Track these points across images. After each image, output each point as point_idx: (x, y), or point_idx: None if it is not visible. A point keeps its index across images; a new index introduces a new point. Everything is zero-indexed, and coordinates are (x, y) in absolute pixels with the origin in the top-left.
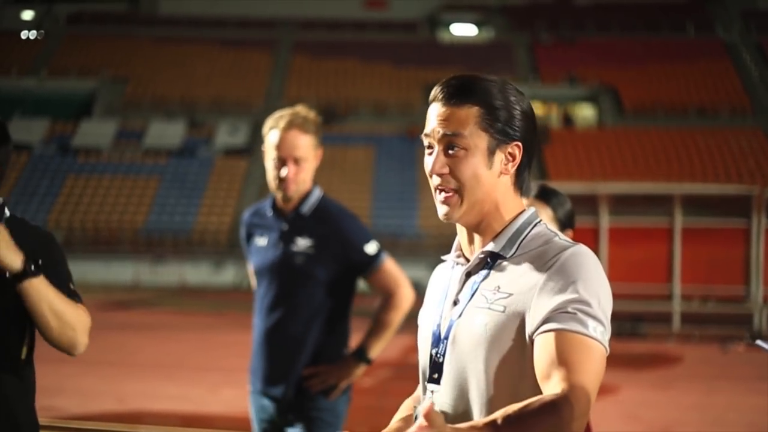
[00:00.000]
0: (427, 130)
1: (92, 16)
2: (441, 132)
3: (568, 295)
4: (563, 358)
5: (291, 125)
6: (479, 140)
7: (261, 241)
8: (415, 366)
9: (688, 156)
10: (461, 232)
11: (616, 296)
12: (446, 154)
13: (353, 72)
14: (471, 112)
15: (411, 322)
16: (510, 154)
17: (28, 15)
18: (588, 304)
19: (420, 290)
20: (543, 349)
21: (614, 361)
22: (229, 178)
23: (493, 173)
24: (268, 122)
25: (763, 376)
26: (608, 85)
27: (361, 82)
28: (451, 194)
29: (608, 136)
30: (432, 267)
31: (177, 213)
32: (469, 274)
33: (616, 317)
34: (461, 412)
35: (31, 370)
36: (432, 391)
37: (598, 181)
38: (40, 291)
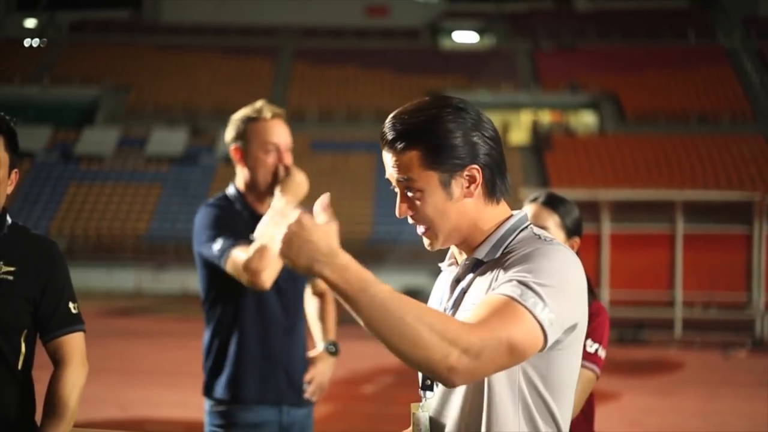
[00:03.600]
0: (387, 174)
1: (95, 24)
2: (395, 177)
3: (519, 268)
4: (483, 310)
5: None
6: (429, 179)
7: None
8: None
9: (690, 163)
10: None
11: (618, 303)
12: (406, 198)
13: (354, 79)
14: (412, 156)
15: None
16: (468, 176)
17: (30, 23)
18: (533, 280)
19: (421, 297)
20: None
21: (616, 367)
22: None
23: (455, 201)
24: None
25: (765, 383)
26: (609, 92)
27: (363, 89)
28: (426, 230)
29: (609, 143)
30: (433, 274)
31: (179, 220)
32: (458, 281)
33: (618, 324)
34: (447, 417)
35: (29, 380)
36: (426, 398)
37: (599, 187)
38: None
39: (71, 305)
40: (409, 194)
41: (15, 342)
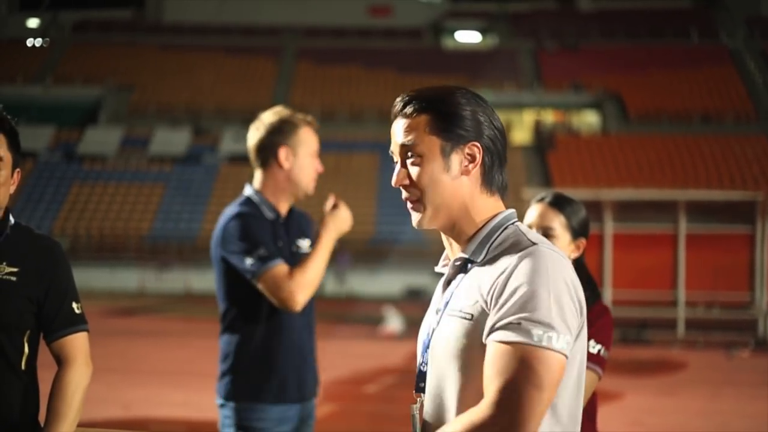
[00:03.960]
0: (391, 147)
1: (97, 24)
2: (398, 143)
3: (516, 302)
4: (498, 371)
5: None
6: (432, 145)
7: (281, 246)
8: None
9: (693, 162)
10: (444, 241)
11: (621, 303)
12: (405, 165)
13: (357, 79)
14: (420, 120)
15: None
16: (469, 154)
17: (33, 23)
18: (535, 311)
19: (423, 297)
20: (486, 361)
21: (619, 367)
22: (234, 185)
23: (452, 176)
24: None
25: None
26: (612, 92)
27: (366, 89)
28: (415, 203)
29: (612, 143)
30: (435, 274)
31: (182, 220)
32: (449, 282)
33: (621, 323)
34: (439, 421)
35: (33, 380)
36: (421, 401)
37: (602, 187)
38: None
39: (74, 305)
40: (408, 161)
41: (18, 342)
